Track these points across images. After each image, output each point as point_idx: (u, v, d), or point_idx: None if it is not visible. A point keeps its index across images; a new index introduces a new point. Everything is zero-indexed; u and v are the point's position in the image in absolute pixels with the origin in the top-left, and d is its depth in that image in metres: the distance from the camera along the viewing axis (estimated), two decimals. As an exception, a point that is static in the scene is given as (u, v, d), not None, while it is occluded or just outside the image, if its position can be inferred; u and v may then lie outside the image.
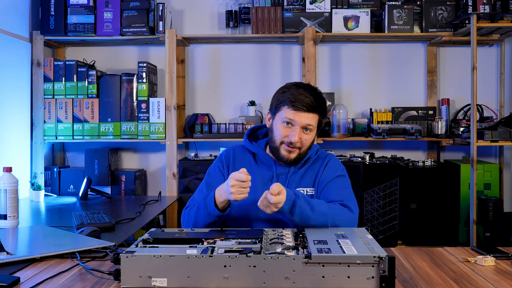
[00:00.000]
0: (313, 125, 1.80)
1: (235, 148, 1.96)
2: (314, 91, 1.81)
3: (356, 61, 3.63)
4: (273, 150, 1.85)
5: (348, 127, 3.42)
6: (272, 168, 1.87)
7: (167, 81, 3.31)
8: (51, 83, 3.34)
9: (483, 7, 3.16)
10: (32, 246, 1.77)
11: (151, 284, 1.24)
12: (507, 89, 3.55)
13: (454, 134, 3.36)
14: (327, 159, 1.92)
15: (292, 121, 1.78)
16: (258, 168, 1.89)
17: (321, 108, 1.81)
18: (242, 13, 3.43)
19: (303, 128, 1.79)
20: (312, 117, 1.79)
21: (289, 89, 1.81)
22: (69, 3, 3.31)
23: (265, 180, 1.86)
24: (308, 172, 1.88)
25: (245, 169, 1.64)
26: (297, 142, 1.78)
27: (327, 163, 1.90)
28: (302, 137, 1.79)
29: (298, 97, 1.77)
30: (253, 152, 1.92)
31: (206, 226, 1.74)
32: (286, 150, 1.81)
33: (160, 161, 3.64)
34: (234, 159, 1.91)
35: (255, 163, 1.90)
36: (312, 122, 1.79)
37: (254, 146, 1.91)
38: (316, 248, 1.27)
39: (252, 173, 1.86)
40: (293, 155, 1.81)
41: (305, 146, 1.82)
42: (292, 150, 1.80)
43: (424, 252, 1.65)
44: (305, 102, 1.76)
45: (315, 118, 1.80)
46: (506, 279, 1.37)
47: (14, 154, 3.09)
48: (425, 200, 3.23)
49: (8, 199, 2.04)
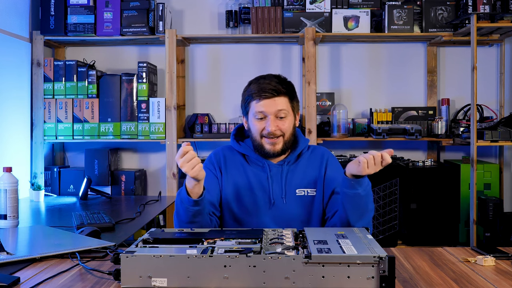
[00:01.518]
0: (285, 109, 1.77)
1: (223, 149, 1.92)
2: (276, 77, 1.80)
3: (356, 61, 3.63)
4: (257, 148, 1.82)
5: (348, 127, 3.42)
6: (265, 168, 1.84)
7: (167, 81, 3.31)
8: (51, 83, 3.34)
9: (483, 7, 3.16)
10: (32, 246, 1.76)
11: (151, 284, 1.24)
12: (507, 89, 3.55)
13: (454, 134, 3.36)
14: (325, 156, 1.89)
15: (263, 112, 1.76)
16: (251, 168, 1.85)
17: (287, 89, 1.79)
18: (242, 13, 3.43)
19: (276, 116, 1.76)
20: (281, 101, 1.76)
21: (250, 85, 1.82)
22: (69, 3, 3.32)
23: (261, 180, 1.83)
24: (307, 171, 1.85)
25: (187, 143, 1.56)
26: (275, 130, 1.76)
27: (328, 162, 1.87)
28: (279, 125, 1.77)
29: (260, 86, 1.77)
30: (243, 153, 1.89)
31: (191, 219, 1.65)
32: (269, 143, 1.78)
33: (160, 161, 3.64)
34: (225, 161, 1.88)
35: (247, 164, 1.87)
36: (283, 106, 1.77)
37: (242, 147, 1.87)
38: (316, 248, 1.27)
39: (247, 174, 1.85)
40: (279, 146, 1.79)
41: (287, 132, 1.79)
42: (275, 141, 1.78)
43: (424, 252, 1.65)
44: (268, 88, 1.75)
45: (285, 101, 1.77)
46: (506, 279, 1.37)
47: (14, 154, 3.09)
48: (425, 200, 3.23)
49: (8, 199, 2.04)
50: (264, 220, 1.80)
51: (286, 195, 1.81)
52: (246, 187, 1.83)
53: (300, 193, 1.82)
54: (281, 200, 1.81)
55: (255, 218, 1.80)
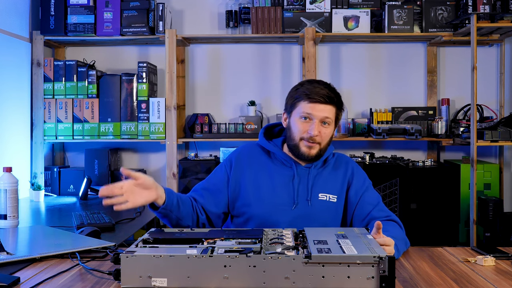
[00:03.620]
0: (331, 118, 1.78)
1: (247, 147, 1.91)
2: (328, 85, 1.81)
3: (356, 61, 3.63)
4: (292, 148, 1.81)
5: (348, 127, 3.42)
6: (293, 168, 1.83)
7: (167, 81, 3.31)
8: (51, 83, 3.34)
9: (483, 7, 3.16)
10: (32, 246, 1.76)
11: (151, 284, 1.24)
12: (507, 89, 3.55)
13: (454, 134, 3.36)
14: (350, 165, 1.89)
15: (310, 114, 1.76)
16: (276, 167, 1.85)
17: (338, 100, 1.80)
18: (242, 13, 3.43)
19: (321, 121, 1.76)
20: (330, 109, 1.77)
21: (302, 85, 1.81)
22: (69, 3, 3.32)
23: (286, 180, 1.82)
24: (331, 177, 1.85)
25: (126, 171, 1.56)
26: (317, 135, 1.75)
27: (353, 171, 1.87)
28: (321, 131, 1.77)
29: (313, 90, 1.77)
30: (268, 151, 1.88)
31: (172, 223, 1.74)
32: (306, 146, 1.78)
33: (160, 161, 3.64)
34: (249, 159, 1.86)
35: (271, 163, 1.86)
36: (330, 114, 1.77)
37: (271, 145, 1.87)
38: (316, 248, 1.27)
39: (271, 173, 1.84)
40: (314, 151, 1.78)
41: (325, 140, 1.79)
42: (312, 146, 1.77)
43: (424, 252, 1.65)
44: (321, 94, 1.75)
45: (332, 110, 1.78)
46: (506, 279, 1.37)
47: (14, 154, 3.09)
48: (425, 200, 3.23)
49: (8, 199, 2.04)
50: (284, 220, 1.78)
51: (312, 197, 1.81)
52: (269, 186, 1.82)
53: (322, 197, 1.82)
54: (306, 202, 1.80)
55: (275, 218, 1.79)
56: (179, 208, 1.71)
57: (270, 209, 1.79)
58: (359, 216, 1.81)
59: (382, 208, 1.82)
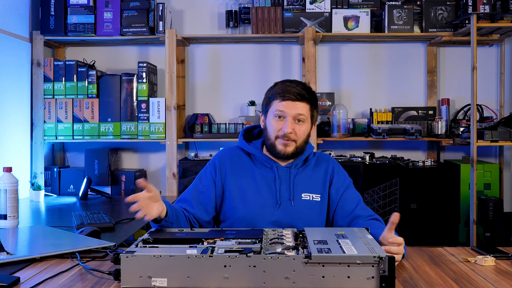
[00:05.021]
0: (304, 114, 1.79)
1: (228, 150, 1.92)
2: (301, 83, 1.83)
3: (356, 61, 3.63)
4: (269, 147, 1.83)
5: (348, 127, 3.42)
6: (273, 169, 1.85)
7: (167, 81, 3.31)
8: (51, 83, 3.34)
9: (483, 7, 3.16)
10: (32, 246, 1.76)
11: (151, 284, 1.24)
12: (507, 89, 3.55)
13: (454, 134, 3.36)
14: (331, 163, 1.90)
15: (283, 112, 1.78)
16: (258, 169, 1.86)
17: (311, 97, 1.81)
18: (242, 13, 3.43)
19: (294, 119, 1.78)
20: (303, 106, 1.78)
21: (276, 85, 1.84)
22: (69, 3, 3.32)
23: (268, 181, 1.83)
24: (313, 176, 1.86)
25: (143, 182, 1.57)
26: (291, 133, 1.77)
27: (334, 170, 1.89)
28: (295, 128, 1.78)
29: (285, 88, 1.79)
30: (249, 153, 1.89)
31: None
32: (282, 144, 1.79)
33: (160, 161, 3.64)
34: (231, 163, 1.88)
35: (253, 165, 1.87)
36: (303, 111, 1.78)
37: (251, 147, 1.88)
38: (316, 248, 1.27)
39: (253, 175, 1.85)
40: (290, 149, 1.79)
41: (301, 138, 1.80)
42: (288, 143, 1.79)
43: (424, 252, 1.65)
44: (293, 91, 1.77)
45: (306, 107, 1.79)
46: (506, 279, 1.37)
47: (14, 154, 3.09)
48: (425, 200, 3.23)
49: (8, 199, 2.04)
50: (269, 221, 1.79)
51: (294, 197, 1.82)
52: (253, 188, 1.83)
53: (305, 197, 1.83)
54: (289, 202, 1.81)
55: (260, 219, 1.80)
56: (178, 219, 1.73)
57: (255, 211, 1.80)
58: (341, 214, 1.83)
59: (364, 206, 1.84)
